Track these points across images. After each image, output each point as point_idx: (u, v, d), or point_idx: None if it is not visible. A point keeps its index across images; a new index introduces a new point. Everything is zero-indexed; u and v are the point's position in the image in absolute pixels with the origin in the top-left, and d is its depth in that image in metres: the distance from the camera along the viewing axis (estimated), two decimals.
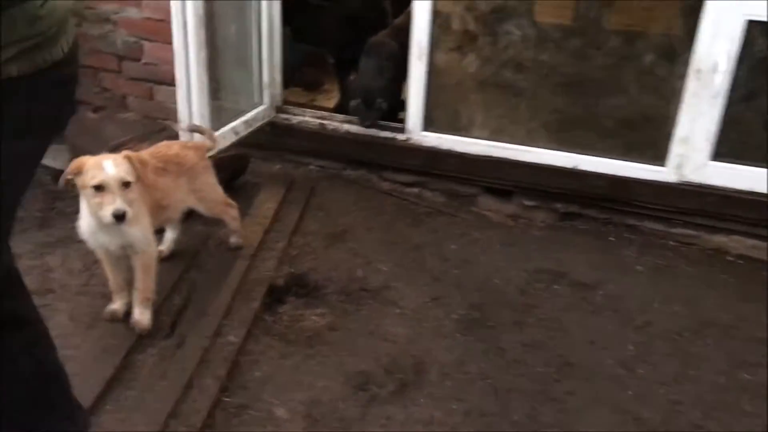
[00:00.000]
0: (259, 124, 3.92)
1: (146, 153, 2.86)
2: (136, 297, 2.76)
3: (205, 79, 3.31)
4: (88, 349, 2.65)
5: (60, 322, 2.82)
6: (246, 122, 3.80)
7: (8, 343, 1.68)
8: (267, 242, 3.44)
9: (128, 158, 2.50)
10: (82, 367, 2.54)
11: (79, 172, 2.43)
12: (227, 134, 3.63)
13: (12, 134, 1.26)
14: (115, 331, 2.76)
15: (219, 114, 3.62)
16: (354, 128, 4.08)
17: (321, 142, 4.13)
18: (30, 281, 3.00)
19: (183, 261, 3.23)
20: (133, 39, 4.16)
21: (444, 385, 2.71)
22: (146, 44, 4.13)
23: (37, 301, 2.88)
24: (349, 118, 4.14)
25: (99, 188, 2.40)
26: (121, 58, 4.25)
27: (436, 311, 3.10)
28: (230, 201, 3.26)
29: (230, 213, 3.25)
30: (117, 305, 2.82)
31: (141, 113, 4.30)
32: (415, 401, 2.62)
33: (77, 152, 4.02)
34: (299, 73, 4.80)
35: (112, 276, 2.80)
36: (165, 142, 3.04)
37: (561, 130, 3.74)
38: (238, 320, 2.90)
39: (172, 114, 3.89)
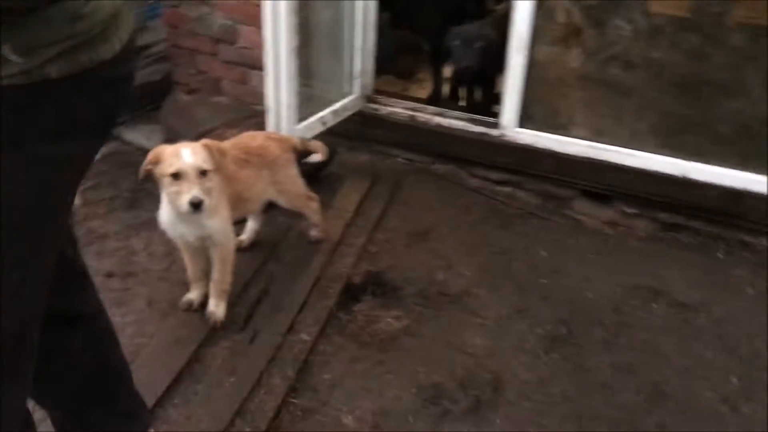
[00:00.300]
0: (347, 114, 3.83)
1: (228, 144, 2.82)
2: (213, 289, 2.73)
3: (294, 66, 3.23)
4: (161, 338, 2.64)
5: (138, 308, 2.84)
6: (334, 112, 3.71)
7: (71, 339, 1.65)
8: (347, 237, 3.34)
9: (207, 147, 2.46)
10: (153, 357, 2.54)
11: (157, 161, 2.40)
12: (314, 124, 3.55)
13: (55, 136, 1.18)
14: (190, 322, 2.74)
15: (307, 103, 3.55)
16: (445, 121, 3.91)
17: (410, 135, 3.99)
18: (113, 263, 3.08)
19: (262, 252, 3.19)
20: (229, 22, 4.14)
21: (522, 405, 2.53)
22: (242, 28, 4.11)
23: (117, 284, 2.99)
24: (440, 110, 3.97)
25: (176, 176, 2.37)
26: (216, 41, 4.25)
27: (519, 324, 2.91)
28: (311, 194, 3.18)
29: (311, 206, 3.18)
30: (194, 295, 2.80)
31: (234, 97, 4.30)
32: (490, 421, 2.46)
33: (170, 133, 4.07)
34: (393, 60, 4.66)
35: (190, 266, 2.78)
36: (249, 133, 2.99)
37: (670, 134, 3.43)
38: (312, 317, 2.82)
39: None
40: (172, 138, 4.07)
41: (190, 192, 2.36)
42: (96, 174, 3.81)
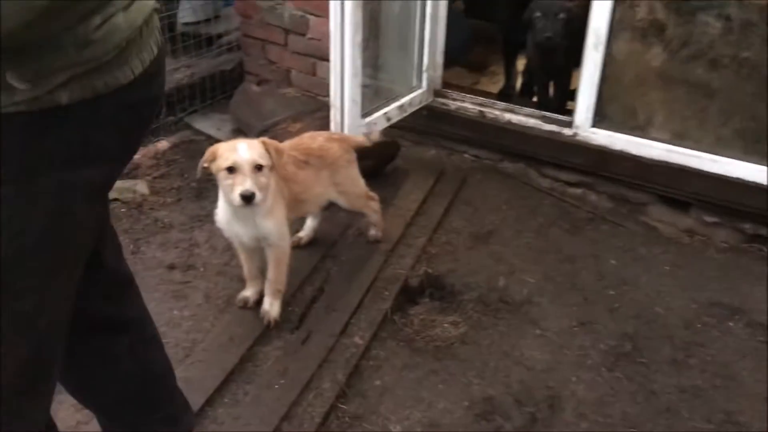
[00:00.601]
0: (414, 109, 3.73)
1: (288, 144, 2.79)
2: (267, 288, 2.72)
3: (359, 61, 3.16)
4: (216, 335, 2.65)
5: (195, 302, 2.86)
6: (400, 107, 3.63)
7: (115, 346, 1.66)
8: (407, 237, 3.27)
9: (264, 144, 2.45)
10: (207, 354, 2.55)
11: (214, 158, 2.40)
12: (379, 120, 3.48)
13: (71, 162, 1.16)
14: (245, 319, 2.74)
15: (372, 97, 3.48)
16: (516, 118, 3.77)
17: (479, 131, 3.87)
18: (176, 255, 3.12)
19: (320, 250, 3.16)
20: (299, 13, 4.11)
21: (579, 426, 2.41)
22: (312, 19, 4.07)
23: (178, 277, 3.02)
24: (510, 106, 3.83)
25: (231, 170, 2.37)
26: (287, 32, 4.24)
27: (581, 338, 2.78)
28: (372, 194, 3.12)
29: (371, 206, 3.12)
30: (249, 292, 2.80)
31: (303, 88, 4.28)
32: None
33: (239, 124, 4.10)
34: (464, 52, 4.53)
35: (246, 264, 2.78)
36: (309, 134, 2.95)
37: (759, 139, 3.18)
38: (366, 320, 2.78)
39: None
40: (241, 129, 4.12)
41: (242, 184, 2.35)
42: (166, 163, 3.88)
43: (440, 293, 3.03)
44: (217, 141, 4.08)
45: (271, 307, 2.71)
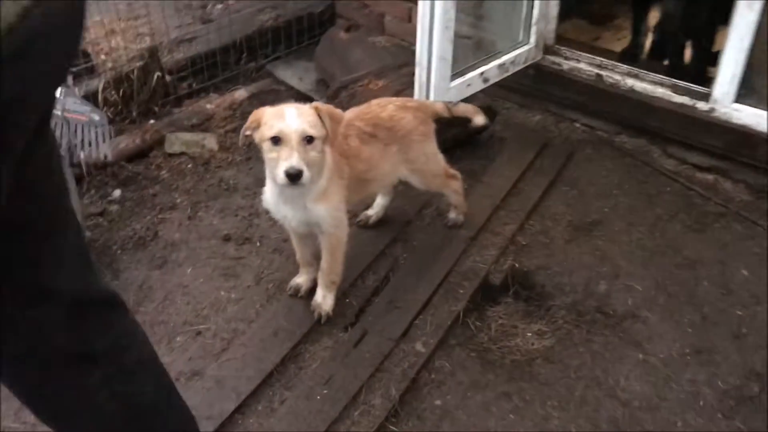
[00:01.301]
0: (517, 69, 3.21)
1: (353, 113, 2.38)
2: (321, 278, 2.37)
3: (452, 9, 2.66)
4: (259, 327, 2.35)
5: (245, 283, 2.57)
6: (501, 66, 3.11)
7: (82, 379, 1.35)
8: (493, 223, 2.81)
9: (317, 110, 2.06)
10: (245, 350, 2.25)
11: (258, 124, 2.04)
12: (473, 81, 2.99)
13: None
14: (295, 309, 2.41)
15: (467, 54, 2.98)
16: (640, 85, 3.17)
17: (594, 98, 3.30)
18: (234, 225, 2.82)
19: (390, 232, 2.76)
20: None
21: None
22: None
23: (232, 251, 2.72)
24: (634, 71, 3.22)
25: (276, 141, 2.00)
26: None
27: (695, 370, 2.27)
28: (453, 171, 2.67)
29: (452, 185, 2.68)
30: (302, 279, 2.47)
31: (395, 37, 3.82)
32: None
33: (323, 74, 3.71)
34: (585, 1, 3.89)
35: (299, 249, 2.44)
36: (379, 100, 2.51)
37: None
38: (433, 322, 2.39)
39: None
40: (324, 80, 3.73)
41: (288, 159, 1.97)
42: (241, 115, 3.55)
43: (527, 294, 2.58)
44: (298, 92, 3.76)
45: (324, 300, 2.37)
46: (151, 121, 3.42)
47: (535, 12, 3.16)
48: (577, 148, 3.30)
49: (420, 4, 2.67)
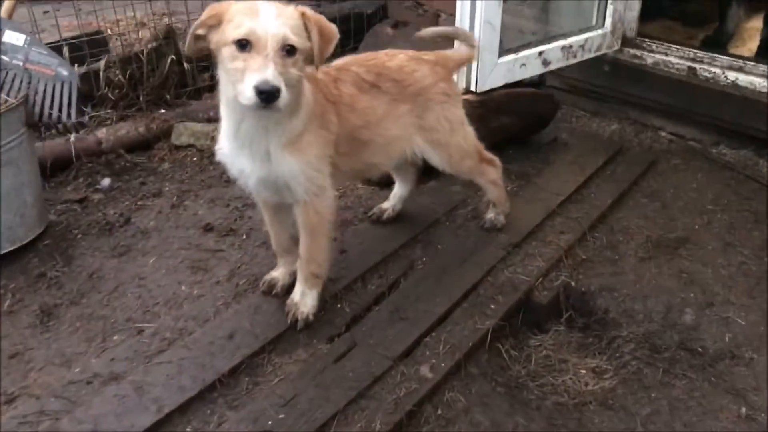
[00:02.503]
0: (587, 56, 2.62)
1: (350, 57, 1.87)
2: (299, 269, 1.80)
3: None
4: (212, 328, 1.78)
5: (215, 278, 2.03)
6: (567, 49, 2.53)
7: None
8: (544, 230, 2.19)
9: (303, 16, 1.53)
10: (189, 354, 1.68)
11: (218, 21, 1.51)
12: (531, 61, 2.43)
13: None
14: (261, 310, 1.84)
15: (524, 28, 2.43)
16: (746, 79, 2.52)
17: (686, 97, 2.69)
18: (219, 215, 2.35)
19: (408, 230, 2.18)
20: None
21: None
22: None
23: (210, 243, 2.20)
24: (738, 62, 2.57)
25: (244, 45, 1.46)
26: None
27: None
28: (489, 156, 2.09)
29: (487, 173, 2.08)
30: (279, 272, 1.92)
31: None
32: None
33: None
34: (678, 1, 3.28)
35: (272, 229, 1.89)
36: (388, 50, 1.97)
37: None
38: (449, 341, 1.77)
39: None
40: None
41: (261, 71, 1.43)
42: None
43: (584, 320, 1.98)
44: None
45: (302, 298, 1.79)
46: (162, 111, 3.00)
47: None
48: (661, 157, 2.65)
49: None
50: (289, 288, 1.87)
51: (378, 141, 1.83)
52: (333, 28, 1.59)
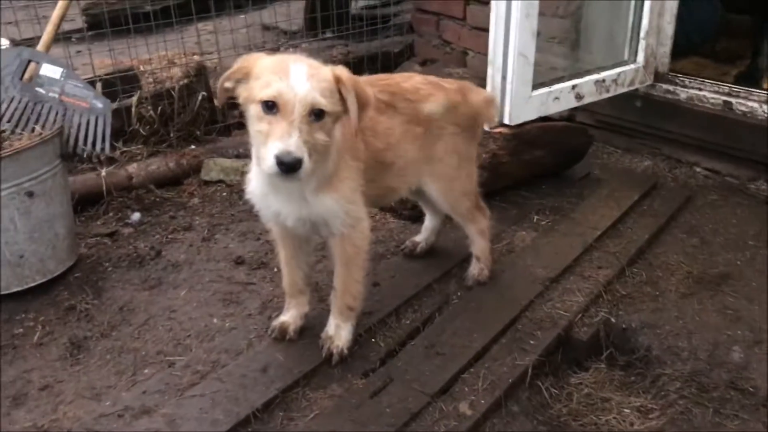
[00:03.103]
0: (620, 91, 2.60)
1: (366, 79, 1.80)
2: (334, 303, 1.76)
3: (534, 13, 2.14)
4: (246, 361, 1.74)
5: (247, 311, 2.00)
6: (600, 83, 2.52)
7: None
8: (582, 265, 2.14)
9: (337, 79, 1.47)
10: (222, 387, 1.64)
11: (246, 75, 1.49)
12: (564, 95, 2.41)
13: None
14: (295, 345, 1.79)
15: (555, 66, 2.42)
16: None
17: (722, 133, 2.64)
18: (251, 248, 2.34)
19: (441, 264, 2.14)
20: None
21: None
22: None
23: (242, 275, 2.18)
24: None
25: (271, 107, 1.42)
26: (467, 1, 3.33)
27: None
28: (482, 203, 2.02)
29: (478, 222, 2.01)
30: (289, 315, 1.85)
31: (479, 72, 3.32)
32: None
33: None
34: (708, 32, 3.26)
35: (287, 268, 1.82)
36: (404, 73, 1.94)
37: None
38: (488, 377, 1.72)
39: None
40: None
41: (283, 139, 1.39)
42: None
43: (625, 358, 1.92)
44: None
45: (337, 332, 1.75)
46: (192, 147, 3.02)
47: (644, 22, 2.58)
48: (698, 193, 2.60)
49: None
50: (302, 331, 1.82)
51: (398, 163, 1.78)
52: (369, 94, 1.54)
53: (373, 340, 1.83)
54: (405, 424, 1.56)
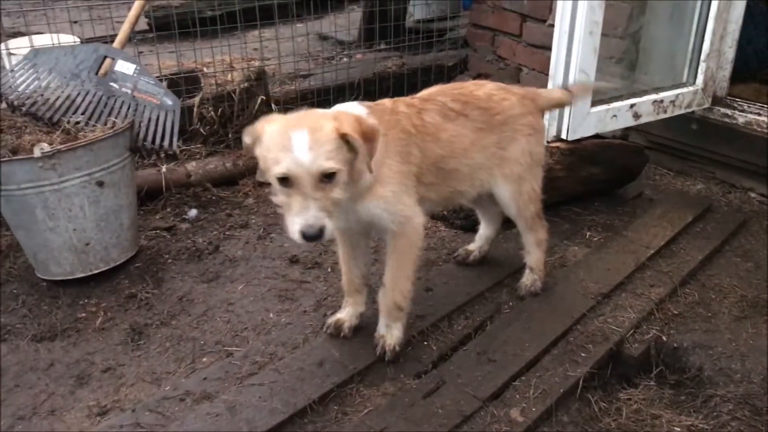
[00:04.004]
0: (677, 112, 2.60)
1: (435, 88, 1.86)
2: (382, 301, 1.78)
3: (600, 11, 2.16)
4: (303, 354, 1.79)
5: (302, 308, 2.06)
6: (658, 104, 2.52)
7: None
8: (634, 282, 2.14)
9: (338, 133, 1.46)
10: (280, 378, 1.68)
11: (258, 139, 1.52)
12: (621, 113, 2.42)
13: None
14: (350, 342, 1.83)
15: (617, 82, 2.44)
16: None
17: None
18: (308, 247, 2.37)
19: (495, 274, 2.16)
20: None
21: None
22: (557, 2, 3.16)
23: (296, 274, 2.23)
24: None
25: (285, 180, 1.46)
26: (524, 18, 3.36)
27: None
28: (542, 215, 2.03)
29: (538, 232, 2.03)
30: (345, 313, 1.89)
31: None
32: None
33: None
34: (766, 67, 3.25)
35: (345, 266, 1.86)
36: (476, 81, 1.97)
37: None
38: (540, 386, 1.73)
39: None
40: None
41: (302, 214, 1.43)
42: None
43: (676, 377, 1.89)
44: None
45: (388, 330, 1.78)
46: None
47: (705, 45, 2.58)
48: (752, 218, 2.58)
49: (559, 3, 2.20)
50: (357, 330, 1.86)
51: (464, 170, 1.81)
52: (374, 127, 1.53)
53: (425, 343, 1.86)
54: (457, 426, 1.59)
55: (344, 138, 1.46)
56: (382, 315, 1.77)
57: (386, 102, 1.73)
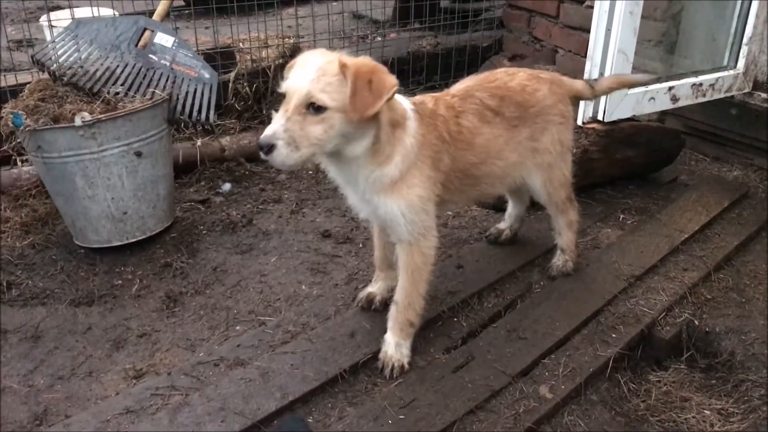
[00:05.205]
0: (717, 96, 2.56)
1: (472, 80, 1.82)
2: (392, 317, 1.72)
3: (638, 11, 2.14)
4: (335, 325, 1.81)
5: (333, 281, 2.08)
6: (697, 87, 2.49)
7: None
8: (667, 266, 2.13)
9: (342, 65, 1.44)
10: (312, 347, 1.71)
11: (291, 67, 1.54)
12: (660, 96, 2.39)
13: None
14: (381, 314, 1.84)
15: (655, 65, 2.41)
16: None
17: None
18: (339, 224, 2.47)
19: (526, 254, 2.16)
20: None
21: None
22: None
23: (328, 248, 2.25)
24: None
25: (284, 99, 1.47)
26: (562, 0, 3.33)
27: None
28: (573, 197, 2.02)
29: (569, 214, 2.02)
30: (377, 287, 1.90)
31: (565, 71, 3.32)
32: None
33: None
34: None
35: (378, 242, 1.88)
36: (504, 69, 1.94)
37: None
38: (569, 364, 1.73)
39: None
40: None
41: (272, 125, 1.43)
42: None
43: (706, 361, 1.89)
44: None
45: (398, 350, 1.70)
46: None
47: (748, 28, 2.53)
48: None
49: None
50: (387, 304, 1.81)
51: (495, 172, 1.79)
52: (384, 81, 1.47)
53: (455, 319, 1.87)
54: (486, 400, 1.60)
55: (342, 69, 1.43)
56: (393, 333, 1.70)
57: (428, 102, 1.69)
